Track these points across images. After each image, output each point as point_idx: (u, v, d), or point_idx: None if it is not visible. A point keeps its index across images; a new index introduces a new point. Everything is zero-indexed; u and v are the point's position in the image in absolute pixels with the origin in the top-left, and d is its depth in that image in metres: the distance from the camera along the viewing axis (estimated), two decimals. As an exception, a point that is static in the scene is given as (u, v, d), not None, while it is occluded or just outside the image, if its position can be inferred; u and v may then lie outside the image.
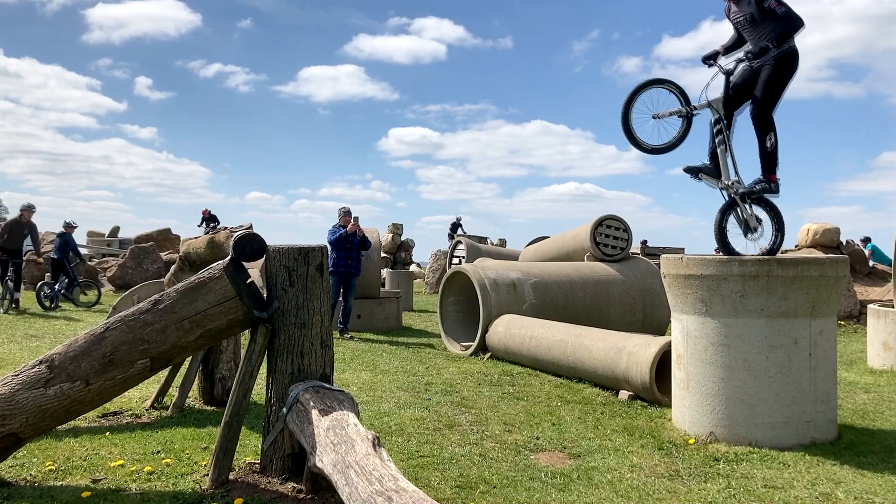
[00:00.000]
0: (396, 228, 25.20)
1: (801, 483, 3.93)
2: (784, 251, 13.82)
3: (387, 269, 18.71)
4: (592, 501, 3.62)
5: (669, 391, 5.34)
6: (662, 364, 5.83)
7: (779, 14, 4.82)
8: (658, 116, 5.15)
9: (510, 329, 8.07)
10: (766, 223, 5.14)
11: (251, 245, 3.90)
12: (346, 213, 10.26)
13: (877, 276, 14.20)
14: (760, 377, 4.64)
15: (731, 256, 4.91)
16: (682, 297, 4.98)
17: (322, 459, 3.05)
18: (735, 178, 5.15)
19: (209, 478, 3.72)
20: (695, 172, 5.24)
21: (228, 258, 3.90)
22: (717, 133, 5.13)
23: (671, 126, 5.21)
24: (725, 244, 5.15)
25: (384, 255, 22.50)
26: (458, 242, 18.19)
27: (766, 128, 4.95)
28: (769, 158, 5.01)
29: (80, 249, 16.03)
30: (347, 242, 10.02)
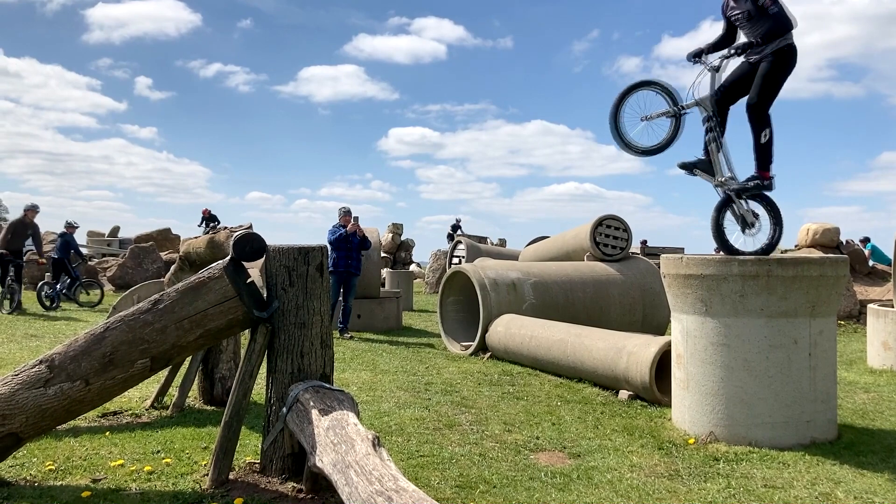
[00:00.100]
0: (396, 228, 25.20)
1: (801, 483, 3.93)
2: (784, 251, 13.84)
3: (387, 269, 18.71)
4: (592, 501, 3.62)
5: (669, 391, 5.34)
6: (662, 364, 5.84)
7: (770, 13, 4.85)
8: (648, 118, 5.15)
9: (510, 329, 8.07)
10: (764, 218, 5.12)
11: (251, 245, 3.90)
12: (346, 213, 10.25)
13: (876, 276, 14.21)
14: (760, 377, 4.64)
15: (731, 256, 4.91)
16: (682, 297, 4.98)
17: (322, 459, 3.06)
18: (729, 175, 5.14)
19: (209, 477, 3.73)
20: (689, 168, 5.23)
21: (228, 258, 3.89)
22: (708, 131, 5.13)
23: (661, 127, 5.21)
24: (723, 241, 5.15)
25: (384, 255, 22.50)
26: (458, 242, 18.19)
27: (762, 123, 4.94)
28: (764, 154, 5.00)
29: (81, 249, 16.03)
30: (347, 242, 10.02)
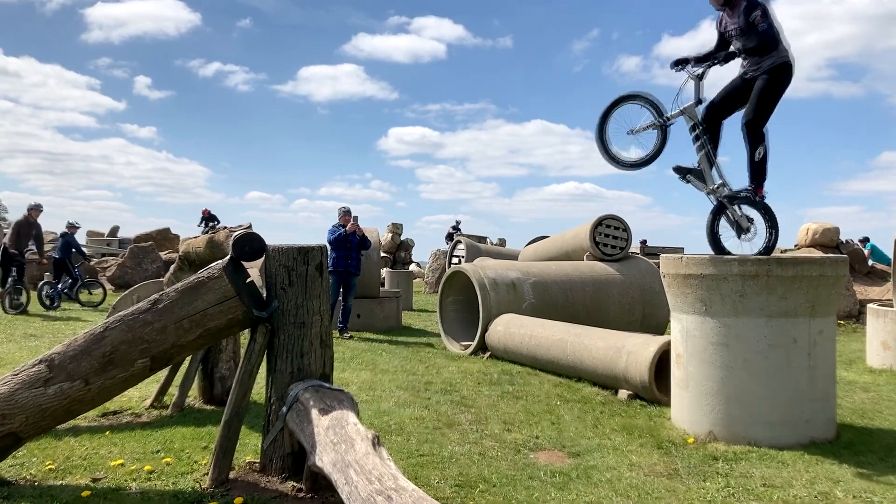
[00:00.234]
0: (396, 228, 25.20)
1: (800, 482, 3.93)
2: (783, 251, 13.85)
3: (386, 269, 18.71)
4: (591, 500, 3.62)
5: (668, 390, 5.34)
6: (662, 363, 5.84)
7: (759, 30, 4.87)
8: (634, 132, 5.16)
9: (510, 328, 8.07)
10: (759, 222, 5.11)
11: (250, 244, 3.90)
12: (346, 213, 10.25)
13: (876, 276, 14.22)
14: (760, 377, 4.64)
15: (732, 256, 4.92)
16: (682, 297, 4.98)
17: (322, 458, 3.06)
18: (720, 182, 5.15)
19: (209, 477, 3.73)
20: (683, 173, 5.24)
21: (228, 258, 3.90)
22: (696, 139, 5.14)
23: (648, 139, 5.22)
24: (720, 247, 5.15)
25: (384, 255, 22.51)
26: (458, 242, 18.19)
27: (757, 140, 4.96)
28: (758, 171, 5.01)
29: (82, 249, 16.02)
30: (347, 242, 10.02)
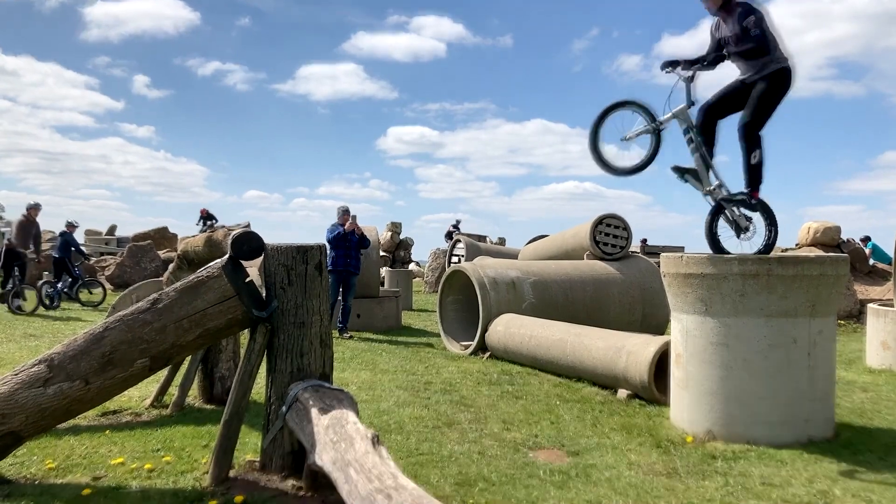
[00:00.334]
0: (395, 227, 25.18)
1: (799, 481, 3.94)
2: (784, 250, 13.84)
3: (386, 268, 18.72)
4: (591, 499, 3.63)
5: (668, 390, 5.34)
6: (661, 363, 5.84)
7: (752, 35, 4.88)
8: (627, 138, 5.15)
9: (509, 328, 8.08)
10: (758, 221, 5.11)
11: (249, 244, 3.90)
12: (345, 212, 10.25)
13: (877, 276, 14.22)
14: (759, 376, 4.64)
15: (732, 255, 4.92)
16: (682, 297, 4.98)
17: (321, 457, 3.06)
18: (717, 184, 5.16)
19: (209, 475, 3.73)
20: (682, 173, 5.24)
21: (227, 257, 3.89)
22: (690, 142, 5.14)
23: (642, 145, 5.21)
24: (719, 248, 5.14)
25: (383, 254, 22.51)
26: (458, 241, 18.19)
27: (753, 144, 4.96)
28: (754, 174, 5.01)
29: (82, 248, 16.03)
30: (346, 241, 10.01)
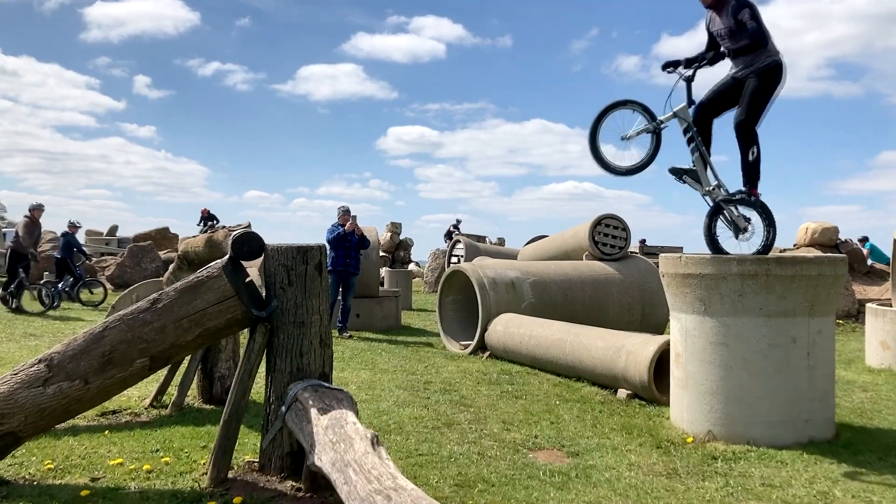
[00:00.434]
0: (395, 227, 25.18)
1: (799, 481, 3.93)
2: (782, 250, 13.84)
3: (386, 268, 18.72)
4: (591, 500, 3.62)
5: (668, 390, 5.34)
6: (661, 363, 5.84)
7: (748, 28, 4.87)
8: (627, 138, 5.14)
9: (509, 328, 8.07)
10: (756, 222, 5.09)
11: (249, 244, 3.90)
12: (346, 212, 10.25)
13: (875, 276, 14.23)
14: (759, 376, 4.64)
15: (731, 255, 4.91)
16: (681, 296, 4.98)
17: (321, 458, 3.06)
18: (715, 184, 5.15)
19: (208, 476, 3.73)
20: (679, 174, 5.23)
21: (227, 257, 3.89)
22: (689, 141, 5.14)
23: (642, 144, 5.20)
24: (717, 248, 5.13)
25: (383, 254, 22.50)
26: (457, 241, 18.19)
27: (750, 141, 4.96)
28: (751, 171, 5.02)
29: (83, 248, 16.03)
30: (346, 241, 10.01)
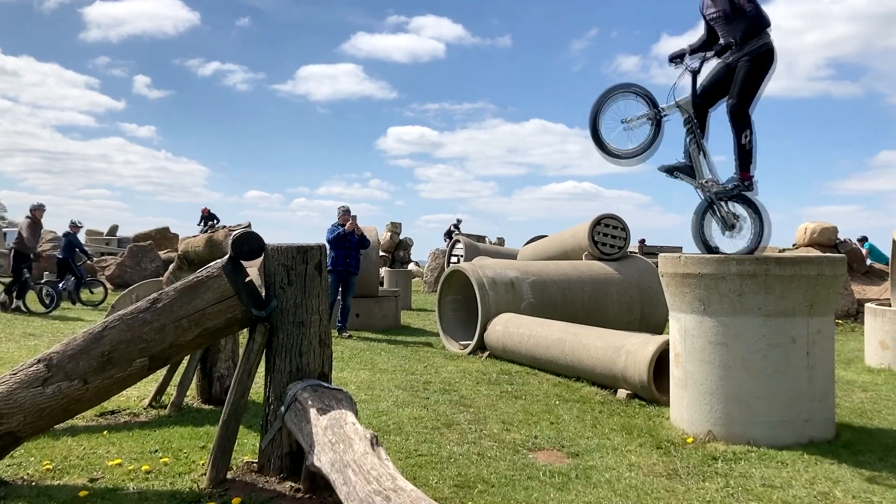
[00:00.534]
0: (395, 227, 25.17)
1: (800, 482, 3.93)
2: (782, 250, 13.84)
3: (385, 268, 18.71)
4: (591, 500, 3.62)
5: (667, 390, 5.34)
6: (660, 363, 5.84)
7: (747, 13, 4.87)
8: (627, 122, 5.14)
9: (508, 328, 8.07)
10: (746, 219, 5.09)
11: (249, 244, 3.90)
12: (345, 212, 10.25)
13: (874, 275, 14.23)
14: (758, 376, 4.64)
15: (730, 255, 4.91)
16: (680, 296, 4.98)
17: (320, 458, 3.05)
18: (710, 177, 5.15)
19: (207, 477, 3.72)
20: (670, 171, 5.24)
21: (227, 257, 3.89)
22: (689, 132, 5.14)
23: (642, 132, 5.20)
24: (706, 245, 5.12)
25: (383, 254, 22.50)
26: (457, 241, 18.19)
27: (743, 125, 4.96)
28: (745, 156, 5.01)
29: (85, 248, 16.02)
30: (346, 241, 10.01)
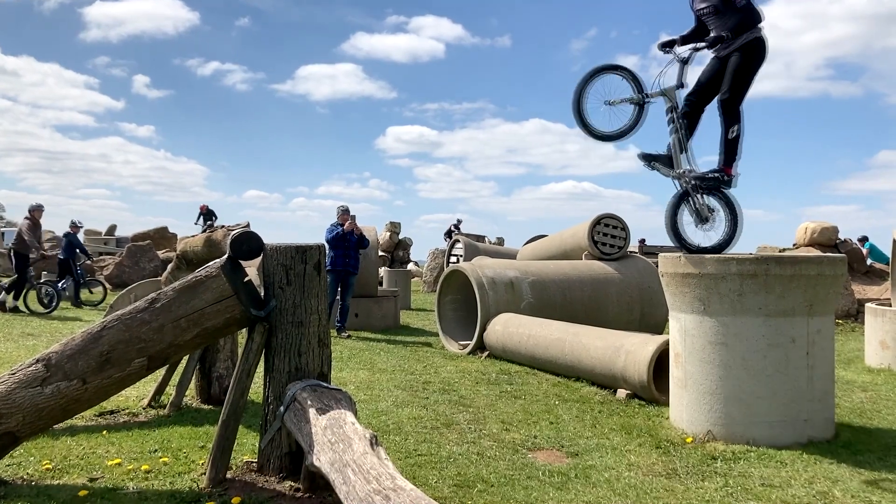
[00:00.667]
0: (394, 227, 25.16)
1: (799, 482, 3.93)
2: (782, 250, 13.83)
3: (385, 268, 18.71)
4: (590, 500, 3.62)
5: (667, 390, 5.33)
6: (660, 363, 5.84)
7: (738, 7, 4.88)
8: (611, 103, 5.11)
9: (508, 328, 8.07)
10: (720, 213, 5.07)
11: (248, 244, 3.89)
12: (345, 212, 10.25)
13: (874, 275, 14.23)
14: (758, 376, 4.64)
15: (730, 255, 4.91)
16: (680, 296, 4.97)
17: (319, 458, 3.05)
18: (687, 168, 5.12)
19: (206, 476, 3.72)
20: (649, 160, 5.21)
21: (225, 256, 3.88)
22: (671, 121, 5.12)
23: (625, 113, 5.17)
24: (677, 236, 5.08)
25: (382, 254, 22.50)
26: (456, 241, 18.19)
27: (733, 118, 4.96)
28: (730, 149, 5.00)
29: (85, 248, 16.02)
30: (345, 241, 10.01)
